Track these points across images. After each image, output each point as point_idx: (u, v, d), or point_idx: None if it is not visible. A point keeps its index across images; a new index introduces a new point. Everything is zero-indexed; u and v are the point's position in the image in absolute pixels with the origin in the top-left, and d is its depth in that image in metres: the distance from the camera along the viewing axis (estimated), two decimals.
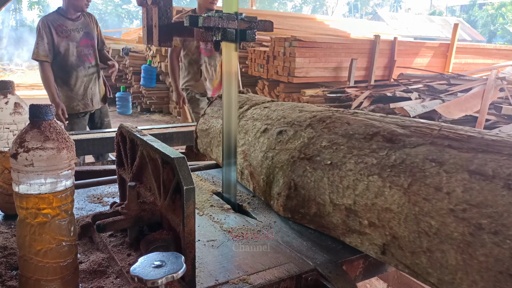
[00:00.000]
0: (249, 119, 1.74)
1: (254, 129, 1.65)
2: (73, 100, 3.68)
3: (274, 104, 1.78)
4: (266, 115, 1.68)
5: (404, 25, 26.63)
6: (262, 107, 1.77)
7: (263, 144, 1.55)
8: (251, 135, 1.64)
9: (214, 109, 2.07)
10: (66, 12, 3.60)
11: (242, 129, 1.71)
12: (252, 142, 1.61)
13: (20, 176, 0.85)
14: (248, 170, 1.61)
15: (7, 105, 1.33)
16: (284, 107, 1.69)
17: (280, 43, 6.52)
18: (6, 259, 1.13)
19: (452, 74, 7.14)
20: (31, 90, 13.76)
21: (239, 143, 1.67)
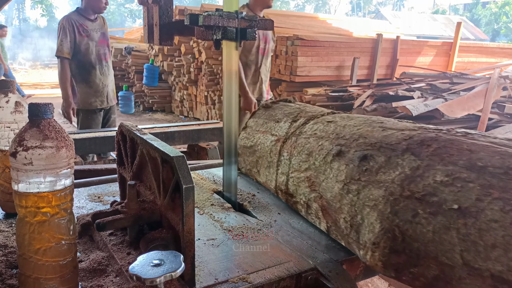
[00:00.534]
0: (311, 136, 1.43)
1: (321, 150, 1.34)
2: (91, 96, 3.82)
3: (338, 118, 1.48)
4: (334, 132, 1.36)
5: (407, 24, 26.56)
6: (324, 121, 1.47)
7: (340, 172, 1.22)
8: (319, 159, 1.33)
9: (259, 122, 1.76)
10: (85, 13, 3.74)
11: (303, 149, 1.42)
12: (321, 167, 1.30)
13: (19, 175, 0.85)
14: (318, 203, 1.29)
15: (8, 104, 1.33)
16: (355, 122, 1.38)
17: (282, 42, 6.52)
18: (6, 257, 1.13)
19: (455, 73, 7.12)
20: (34, 89, 13.80)
21: (301, 167, 1.40)
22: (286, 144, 1.51)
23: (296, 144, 1.46)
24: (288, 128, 1.57)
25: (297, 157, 1.42)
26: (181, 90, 9.18)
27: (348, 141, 1.27)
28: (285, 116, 1.65)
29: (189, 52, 8.47)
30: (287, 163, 1.47)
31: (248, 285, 1.05)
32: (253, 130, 1.76)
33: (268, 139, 1.63)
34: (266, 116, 1.75)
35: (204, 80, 8.17)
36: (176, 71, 9.07)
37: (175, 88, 9.47)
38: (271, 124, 1.68)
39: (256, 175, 1.71)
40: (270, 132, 1.64)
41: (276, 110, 1.73)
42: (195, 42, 8.12)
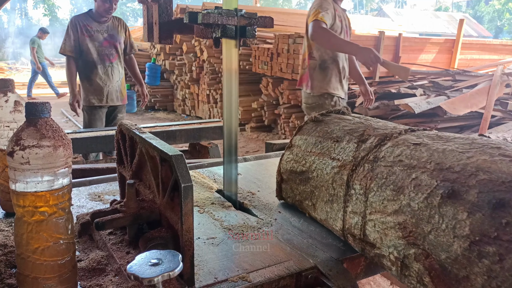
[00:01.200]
0: (394, 164, 1.10)
1: (418, 186, 1.00)
2: (90, 93, 3.94)
3: (427, 138, 1.14)
4: (431, 159, 1.03)
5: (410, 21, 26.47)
6: (408, 143, 1.13)
7: (460, 223, 0.88)
8: (417, 199, 0.98)
9: (309, 141, 1.42)
10: (94, 15, 3.91)
11: (387, 182, 1.07)
12: (424, 212, 0.96)
13: (16, 174, 0.85)
14: (424, 264, 0.95)
15: (7, 103, 1.33)
16: (458, 146, 1.04)
17: (284, 40, 6.49)
18: (6, 257, 1.13)
19: (457, 70, 7.09)
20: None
21: (386, 208, 1.05)
22: (357, 173, 1.18)
23: (373, 174, 1.12)
24: (355, 151, 1.23)
25: (378, 193, 1.08)
26: (183, 89, 9.18)
27: (462, 176, 0.93)
28: (346, 134, 1.32)
29: (191, 50, 8.47)
30: (362, 199, 1.13)
31: (247, 284, 1.04)
32: (302, 151, 1.43)
33: (327, 164, 1.30)
34: (318, 133, 1.42)
35: (206, 79, 8.17)
36: (178, 70, 9.07)
37: (177, 87, 9.48)
38: (328, 144, 1.34)
39: (311, 209, 1.37)
40: (329, 155, 1.31)
41: (331, 125, 1.41)
42: (196, 41, 8.12)
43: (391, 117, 5.28)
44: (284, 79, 6.72)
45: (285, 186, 1.50)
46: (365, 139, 1.25)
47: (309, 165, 1.37)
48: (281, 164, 1.51)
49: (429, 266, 0.94)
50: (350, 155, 1.24)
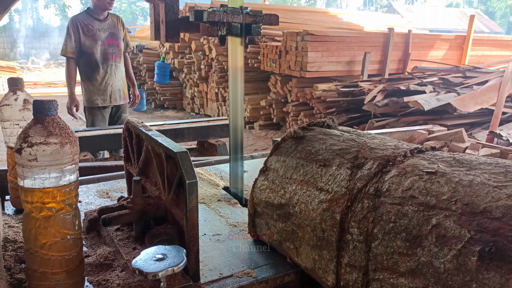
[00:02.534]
0: (405, 201, 0.83)
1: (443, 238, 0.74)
2: (93, 94, 3.88)
3: (442, 164, 0.88)
4: (455, 197, 0.77)
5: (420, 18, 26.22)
6: (420, 171, 0.87)
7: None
8: (442, 255, 0.73)
9: (289, 163, 1.13)
10: (94, 12, 3.81)
11: (396, 228, 0.82)
12: (453, 276, 0.71)
13: (24, 171, 0.86)
14: None
15: (17, 102, 1.35)
16: (488, 177, 0.78)
17: (292, 38, 6.48)
18: (15, 252, 1.16)
19: (468, 66, 7.01)
20: (48, 88, 13.98)
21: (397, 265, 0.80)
22: (354, 210, 0.90)
23: (377, 214, 0.85)
24: (349, 180, 0.95)
25: (385, 243, 0.82)
26: (192, 87, 9.21)
27: (506, 225, 0.68)
28: (336, 156, 1.04)
29: (200, 49, 8.49)
30: (362, 248, 0.87)
31: (252, 280, 1.05)
32: (280, 177, 1.13)
33: (313, 196, 1.01)
34: (300, 154, 1.12)
35: (215, 77, 8.19)
36: (186, 68, 9.10)
37: (186, 85, 9.51)
38: (313, 168, 1.06)
39: (293, 253, 1.07)
40: (314, 185, 1.02)
41: (316, 144, 1.12)
42: (205, 39, 8.13)
43: (400, 114, 5.25)
44: (293, 76, 6.71)
45: (259, 221, 1.19)
46: (361, 164, 0.97)
47: (290, 196, 1.07)
48: (253, 192, 1.19)
49: None
50: (342, 185, 0.96)
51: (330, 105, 6.08)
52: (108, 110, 4.01)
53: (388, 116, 5.38)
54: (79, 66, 3.84)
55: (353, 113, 5.87)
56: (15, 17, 31.53)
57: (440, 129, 3.65)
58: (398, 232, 0.80)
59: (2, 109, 1.36)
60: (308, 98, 6.36)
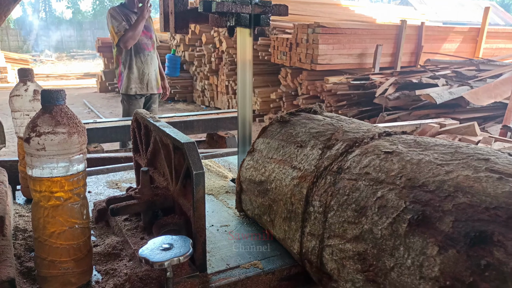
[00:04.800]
0: (360, 177, 0.91)
1: (384, 208, 0.82)
2: (131, 82, 4.07)
3: (402, 145, 0.95)
4: (402, 173, 0.84)
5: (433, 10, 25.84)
6: (379, 151, 0.94)
7: (428, 260, 0.70)
8: (381, 223, 0.81)
9: (272, 144, 1.22)
10: (129, 6, 4.03)
11: (349, 200, 0.89)
12: (386, 241, 0.79)
13: (33, 160, 0.87)
14: None
15: (27, 92, 1.36)
16: (437, 156, 0.86)
17: (303, 30, 6.43)
18: (25, 241, 1.17)
19: (481, 59, 6.91)
20: (60, 80, 14.11)
21: (346, 232, 0.88)
22: (318, 186, 0.99)
23: (335, 189, 0.94)
24: (318, 159, 1.04)
25: (339, 213, 0.90)
26: (202, 80, 9.22)
27: (436, 197, 0.75)
28: (312, 138, 1.13)
29: (210, 41, 8.48)
30: (320, 219, 0.95)
31: (259, 271, 1.05)
32: (263, 157, 1.22)
33: (287, 174, 1.10)
34: (282, 136, 1.22)
35: (225, 70, 8.18)
36: (197, 61, 9.11)
37: (197, 78, 9.52)
38: (291, 149, 1.15)
39: (269, 226, 1.16)
40: (290, 163, 1.11)
41: (297, 127, 1.21)
42: (216, 32, 8.12)
43: (412, 108, 5.19)
44: (303, 69, 6.67)
45: (244, 197, 1.29)
46: (332, 145, 1.05)
47: (269, 174, 1.16)
48: (241, 171, 1.29)
49: None
50: (312, 164, 1.04)
51: (341, 98, 6.04)
52: (143, 99, 4.20)
53: (400, 109, 5.33)
54: (123, 55, 4.04)
55: (364, 106, 5.82)
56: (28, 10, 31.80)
57: (452, 123, 3.61)
58: (349, 204, 0.89)
59: (13, 99, 1.38)
60: (319, 91, 6.32)
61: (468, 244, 0.65)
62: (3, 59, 13.61)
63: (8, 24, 26.62)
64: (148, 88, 4.14)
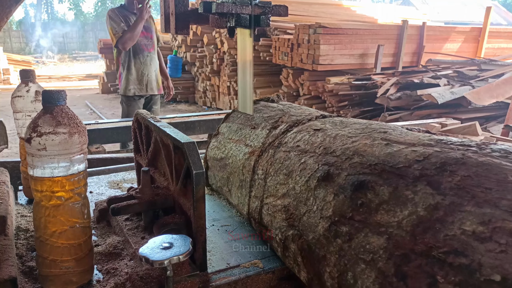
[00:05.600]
0: (292, 149, 1.12)
1: (304, 170, 1.03)
2: (130, 83, 4.04)
3: (330, 124, 1.16)
4: (322, 144, 1.05)
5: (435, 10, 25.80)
6: (310, 129, 1.16)
7: (327, 204, 0.91)
8: (300, 182, 1.02)
9: (232, 128, 1.46)
10: (128, 7, 4.01)
11: (282, 167, 1.11)
12: (303, 194, 0.99)
13: (34, 160, 0.88)
14: (298, 245, 0.97)
15: (28, 93, 1.37)
16: (351, 131, 1.07)
17: (304, 30, 6.43)
18: (27, 241, 1.18)
19: (483, 59, 6.89)
20: (62, 82, 14.15)
21: (278, 191, 1.09)
22: (262, 158, 1.21)
23: (274, 159, 1.15)
24: (265, 137, 1.27)
25: (274, 177, 1.11)
26: (204, 81, 9.23)
27: (339, 159, 0.96)
28: (263, 121, 1.35)
29: (212, 42, 8.49)
30: (262, 184, 1.16)
31: (259, 270, 1.06)
32: (225, 138, 1.45)
33: (241, 150, 1.32)
34: (241, 121, 1.45)
35: (227, 71, 8.19)
36: (199, 62, 9.12)
37: (198, 79, 9.53)
38: (246, 131, 1.38)
39: (228, 195, 1.37)
40: (244, 142, 1.34)
41: (255, 113, 1.45)
42: (217, 33, 8.13)
43: (414, 108, 5.19)
44: (305, 70, 6.67)
45: (210, 173, 1.52)
46: (277, 126, 1.28)
47: (227, 151, 1.40)
48: (207, 151, 1.53)
49: (300, 247, 0.95)
50: (260, 141, 1.28)
51: (342, 98, 6.04)
52: (142, 100, 4.17)
53: (401, 109, 5.33)
54: (122, 55, 4.02)
55: (366, 107, 5.81)
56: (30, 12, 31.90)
57: (454, 122, 3.60)
58: (282, 170, 1.11)
59: (15, 100, 1.39)
60: (320, 91, 6.32)
61: (352, 190, 0.86)
62: (6, 61, 13.64)
63: (11, 25, 26.71)
64: (148, 89, 4.12)
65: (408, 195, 0.77)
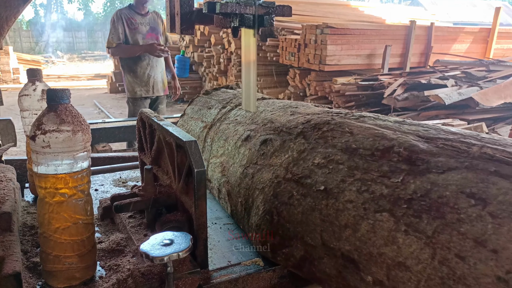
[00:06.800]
0: (231, 122, 1.46)
1: (235, 135, 1.36)
2: (136, 85, 4.08)
3: (264, 103, 1.52)
4: (251, 117, 1.40)
5: (445, 11, 25.60)
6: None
7: (244, 156, 1.25)
8: (231, 144, 1.35)
9: (194, 109, 1.75)
10: (135, 7, 4.05)
11: (222, 135, 1.44)
12: (232, 152, 1.32)
13: (38, 157, 0.89)
14: (226, 188, 1.29)
15: (35, 92, 1.39)
16: (274, 107, 1.42)
17: (311, 31, 6.43)
18: (32, 237, 1.20)
19: (492, 60, 6.84)
20: (71, 81, 14.27)
21: (218, 153, 1.41)
22: (211, 130, 1.54)
23: (218, 130, 1.49)
24: (216, 115, 1.59)
25: (217, 143, 1.45)
26: (211, 81, 9.26)
27: (258, 126, 1.31)
28: (217, 103, 1.67)
29: (219, 42, 8.51)
30: (209, 149, 1.49)
31: (259, 268, 1.07)
32: (188, 117, 1.75)
33: (198, 125, 1.64)
34: (202, 103, 1.76)
35: (234, 71, 8.20)
36: (206, 62, 9.15)
37: (206, 78, 9.56)
38: (204, 111, 1.70)
39: None
40: (201, 119, 1.66)
41: (214, 97, 1.76)
42: (224, 33, 8.15)
43: (421, 108, 5.16)
44: (312, 70, 6.66)
45: None
46: (226, 106, 1.61)
47: (189, 127, 1.69)
48: None
49: (227, 189, 1.28)
50: (212, 118, 1.60)
51: (349, 99, 6.03)
52: (148, 100, 4.21)
53: (408, 110, 5.31)
54: (123, 59, 4.07)
55: (373, 107, 5.80)
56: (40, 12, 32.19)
57: (460, 123, 3.59)
58: (222, 137, 1.44)
59: (21, 99, 1.41)
60: (327, 91, 6.31)
61: (259, 145, 1.22)
62: (16, 60, 13.79)
63: (21, 25, 26.97)
64: (154, 91, 4.15)
65: (290, 145, 1.13)
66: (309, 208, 0.95)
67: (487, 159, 0.76)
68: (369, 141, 0.96)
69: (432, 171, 0.79)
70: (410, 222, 0.76)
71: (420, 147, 0.87)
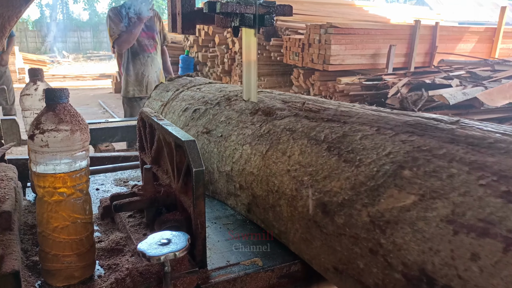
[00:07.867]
0: (179, 100, 1.84)
1: (178, 108, 1.75)
2: (130, 84, 4.03)
3: (207, 86, 1.87)
4: (192, 96, 1.76)
5: (450, 10, 25.47)
6: (195, 89, 1.88)
7: (181, 122, 1.67)
8: (176, 114, 1.74)
9: (157, 92, 2.12)
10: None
11: (172, 109, 1.81)
12: (176, 120, 1.72)
13: (37, 157, 0.90)
14: None
15: (37, 92, 1.40)
16: (213, 89, 1.78)
17: (315, 30, 6.41)
18: (33, 236, 1.20)
19: (497, 60, 6.79)
20: (77, 81, 14.33)
21: (175, 122, 1.75)
22: (166, 107, 1.89)
23: (171, 106, 1.84)
24: (171, 96, 1.95)
25: (168, 115, 1.80)
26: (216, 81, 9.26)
27: (195, 101, 1.70)
28: (174, 87, 2.01)
29: (223, 42, 8.51)
30: None
31: (258, 268, 1.07)
32: (153, 100, 2.11)
33: (157, 104, 1.99)
34: (163, 88, 2.11)
35: (238, 71, 8.20)
36: (210, 62, 9.15)
37: (210, 78, 9.57)
38: (164, 93, 2.05)
39: None
40: (161, 100, 2.01)
41: (175, 83, 2.10)
42: (228, 33, 8.15)
43: (425, 108, 5.14)
44: (316, 70, 6.65)
45: None
46: (179, 89, 1.94)
47: (151, 106, 2.05)
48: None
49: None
50: (168, 97, 1.94)
51: (353, 98, 6.00)
52: (144, 100, 4.11)
53: (411, 110, 5.28)
54: (120, 57, 4.01)
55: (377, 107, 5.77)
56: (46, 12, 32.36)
57: None
58: (172, 111, 1.80)
59: (23, 98, 1.42)
60: (331, 91, 6.29)
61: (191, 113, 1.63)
62: (22, 60, 13.87)
63: (27, 25, 27.13)
64: (148, 91, 4.06)
65: (210, 111, 1.57)
66: (211, 149, 1.43)
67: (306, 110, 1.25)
68: (252, 104, 1.44)
69: (277, 118, 1.27)
70: (257, 147, 1.23)
71: (277, 106, 1.36)
